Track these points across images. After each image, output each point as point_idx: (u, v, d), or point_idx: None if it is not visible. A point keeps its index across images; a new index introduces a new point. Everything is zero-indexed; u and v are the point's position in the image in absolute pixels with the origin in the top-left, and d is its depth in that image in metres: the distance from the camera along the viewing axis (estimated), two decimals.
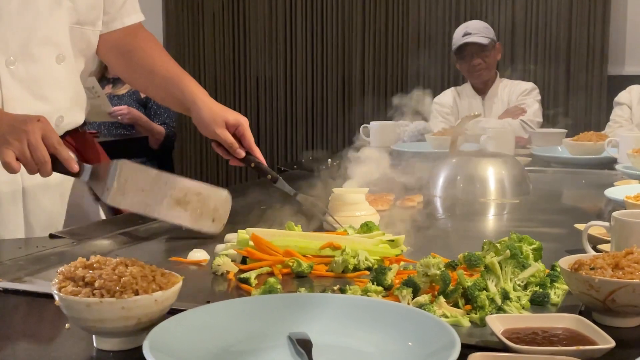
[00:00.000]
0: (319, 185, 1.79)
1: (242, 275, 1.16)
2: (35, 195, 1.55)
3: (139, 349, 0.79)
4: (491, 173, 1.97)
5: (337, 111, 5.31)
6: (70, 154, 1.33)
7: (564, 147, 2.79)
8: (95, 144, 1.77)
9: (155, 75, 1.67)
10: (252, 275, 1.16)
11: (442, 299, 0.99)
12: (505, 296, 1.01)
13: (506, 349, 0.83)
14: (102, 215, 1.71)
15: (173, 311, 0.89)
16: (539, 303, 1.03)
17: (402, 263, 1.23)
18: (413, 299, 1.00)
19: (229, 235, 1.41)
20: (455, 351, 0.76)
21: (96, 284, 0.85)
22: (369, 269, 1.22)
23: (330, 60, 5.26)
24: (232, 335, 0.87)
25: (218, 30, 5.55)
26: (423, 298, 0.99)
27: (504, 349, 0.84)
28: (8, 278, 1.17)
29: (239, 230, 1.32)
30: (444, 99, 3.82)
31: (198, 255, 1.31)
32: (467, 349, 0.82)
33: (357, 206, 1.55)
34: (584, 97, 4.61)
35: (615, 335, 0.84)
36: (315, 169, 2.24)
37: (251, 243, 1.27)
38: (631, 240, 1.13)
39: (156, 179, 1.39)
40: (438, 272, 1.01)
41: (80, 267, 0.89)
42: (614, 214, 1.21)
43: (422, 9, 4.95)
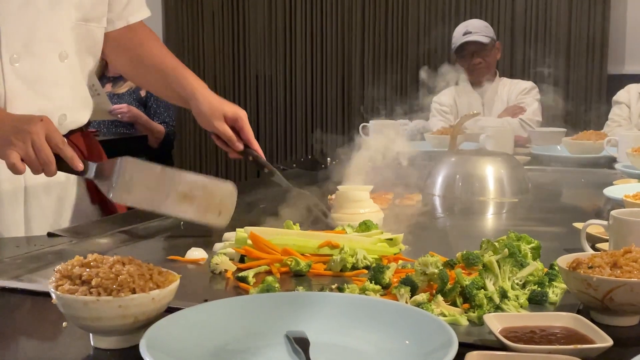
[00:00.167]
0: (318, 183, 1.78)
1: (240, 274, 1.16)
2: (36, 194, 1.55)
3: (136, 347, 0.79)
4: (490, 172, 1.97)
5: (337, 110, 5.30)
6: (74, 153, 1.33)
7: (563, 146, 2.79)
8: (97, 144, 1.77)
9: (155, 70, 1.67)
10: (250, 273, 1.16)
11: (440, 298, 0.99)
12: (504, 295, 1.01)
13: (504, 348, 0.83)
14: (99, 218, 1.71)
15: (170, 309, 0.89)
16: (537, 302, 1.03)
17: (400, 262, 1.23)
18: (411, 297, 1.00)
19: (227, 234, 1.41)
20: (452, 350, 0.76)
21: (93, 282, 0.85)
22: (367, 267, 1.22)
23: (330, 59, 5.26)
24: (230, 333, 0.87)
25: (218, 29, 5.55)
26: (421, 297, 0.99)
27: (501, 347, 0.84)
28: (6, 276, 1.17)
29: (237, 229, 1.32)
30: (444, 98, 3.81)
31: (196, 253, 1.30)
32: (465, 347, 0.81)
33: (361, 203, 1.55)
34: (584, 96, 4.60)
35: (613, 334, 0.84)
36: (315, 168, 2.24)
37: (249, 242, 1.27)
38: (629, 239, 1.12)
39: (161, 175, 1.39)
40: (436, 271, 1.01)
41: (77, 266, 0.89)
42: (613, 212, 1.21)
43: (422, 8, 4.95)
